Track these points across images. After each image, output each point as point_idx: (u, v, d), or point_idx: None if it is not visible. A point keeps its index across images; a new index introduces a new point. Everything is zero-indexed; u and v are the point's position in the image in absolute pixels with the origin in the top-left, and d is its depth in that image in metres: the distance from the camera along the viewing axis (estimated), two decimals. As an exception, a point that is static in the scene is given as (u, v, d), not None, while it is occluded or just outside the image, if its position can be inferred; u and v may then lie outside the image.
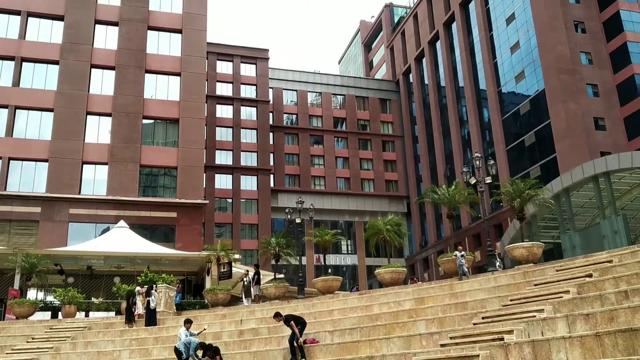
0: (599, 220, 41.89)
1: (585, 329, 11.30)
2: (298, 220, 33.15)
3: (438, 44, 76.52)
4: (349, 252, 79.18)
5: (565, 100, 52.50)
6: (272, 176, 77.22)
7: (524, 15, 58.75)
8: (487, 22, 65.31)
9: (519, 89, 59.67)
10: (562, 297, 14.75)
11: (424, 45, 79.19)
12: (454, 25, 72.46)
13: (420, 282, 33.13)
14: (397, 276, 25.55)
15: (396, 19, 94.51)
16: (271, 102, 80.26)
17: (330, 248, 50.30)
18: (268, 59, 79.97)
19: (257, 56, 79.86)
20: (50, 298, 30.90)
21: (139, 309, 24.07)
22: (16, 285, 28.81)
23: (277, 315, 17.94)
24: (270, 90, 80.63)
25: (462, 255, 23.22)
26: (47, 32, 43.81)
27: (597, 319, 11.38)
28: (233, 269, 31.69)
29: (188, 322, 18.09)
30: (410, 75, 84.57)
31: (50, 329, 23.97)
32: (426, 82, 79.69)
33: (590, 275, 16.41)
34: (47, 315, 29.11)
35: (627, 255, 17.33)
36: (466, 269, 22.97)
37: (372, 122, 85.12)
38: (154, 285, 24.58)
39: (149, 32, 45.67)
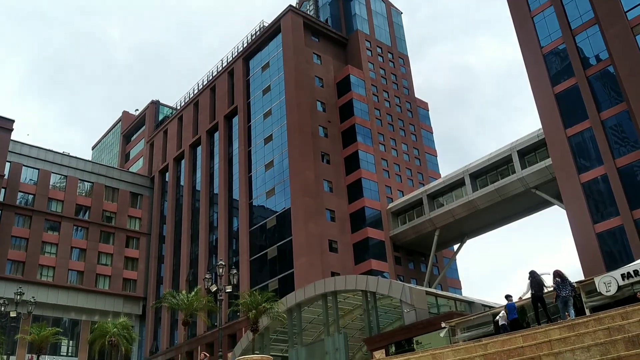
0: (323, 337, 44.68)
1: None
2: (13, 314, 28.95)
3: (199, 149, 78.12)
4: (70, 354, 70.79)
5: (307, 221, 56.95)
6: (-10, 260, 67.02)
7: (280, 138, 63.80)
8: (247, 138, 69.23)
9: (269, 204, 63.20)
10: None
11: (185, 148, 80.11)
12: (216, 134, 75.15)
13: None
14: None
15: (161, 117, 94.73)
16: (6, 177, 71.48)
17: (48, 348, 44.54)
18: (12, 130, 72.22)
19: (0, 125, 71.63)
20: None
21: None
22: None
23: None
24: (8, 164, 72.12)
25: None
26: None
27: None
28: None
29: None
30: (167, 174, 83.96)
31: None
32: (182, 183, 79.78)
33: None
34: None
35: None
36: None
37: (119, 214, 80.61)
38: None
39: None
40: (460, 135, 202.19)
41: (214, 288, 28.17)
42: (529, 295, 21.08)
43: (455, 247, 67.17)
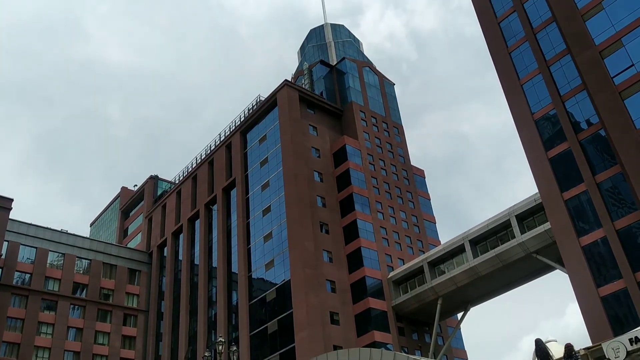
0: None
1: None
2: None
3: (197, 223, 78.04)
4: None
5: (307, 293, 56.13)
6: (-16, 343, 65.37)
7: (278, 209, 63.91)
8: (245, 210, 69.32)
9: (268, 276, 62.51)
10: None
11: (184, 222, 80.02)
12: (214, 208, 75.29)
13: None
14: None
15: (159, 192, 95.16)
16: (3, 257, 70.94)
17: None
18: (10, 209, 72.30)
19: (-2, 204, 71.78)
20: None
21: None
22: None
23: None
24: (5, 244, 71.74)
25: None
26: None
27: None
28: None
29: None
30: (166, 248, 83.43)
31: None
32: (180, 257, 79.15)
33: None
34: None
35: None
36: None
37: (116, 292, 79.37)
38: None
39: None
40: (458, 201, 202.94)
41: (213, 366, 27.35)
42: None
43: (459, 315, 65.92)
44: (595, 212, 41.52)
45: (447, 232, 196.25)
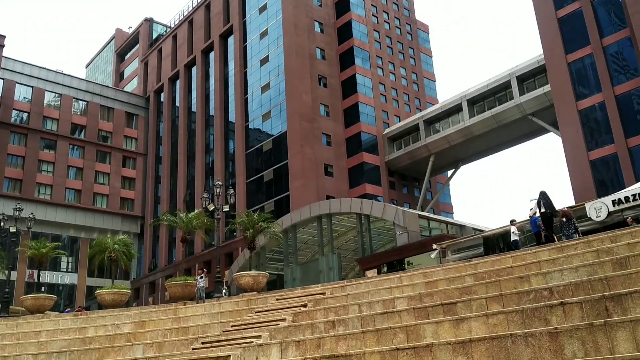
0: (318, 257, 45.92)
1: (296, 355, 12.12)
2: (13, 230, 29.49)
3: (194, 69, 76.90)
4: (70, 270, 72.78)
5: (303, 145, 57.03)
6: (-13, 177, 67.49)
7: (277, 60, 62.72)
8: (243, 59, 68.00)
9: (265, 127, 63.03)
10: (278, 324, 15.66)
11: (180, 68, 78.82)
12: (211, 54, 73.76)
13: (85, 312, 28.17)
14: (120, 298, 24.35)
15: (155, 35, 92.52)
16: (0, 94, 70.78)
17: (48, 263, 45.70)
18: (3, 46, 70.65)
19: (-11, 40, 70.00)
20: None
21: None
22: None
23: None
24: (1, 81, 71.21)
25: (201, 279, 23.28)
26: None
27: (307, 345, 12.32)
28: None
29: None
30: (162, 94, 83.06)
31: None
32: (177, 104, 79.09)
33: (305, 305, 17.76)
34: None
35: (337, 289, 19.25)
36: (204, 294, 23.04)
37: (115, 134, 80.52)
38: None
39: None
40: (460, 60, 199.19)
41: (211, 207, 28.61)
42: (538, 213, 21.19)
43: (449, 173, 67.81)
44: (597, 76, 41.14)
45: (447, 92, 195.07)
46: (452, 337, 10.54)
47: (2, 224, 30.03)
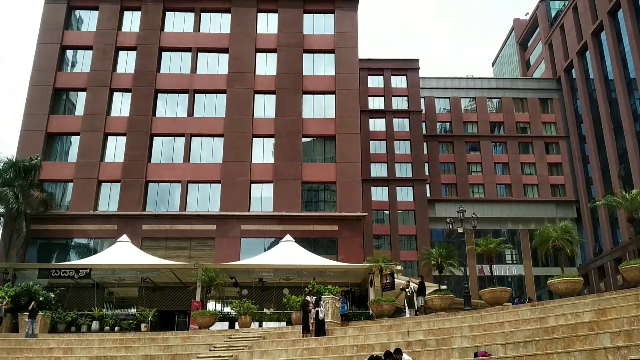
0: None
1: None
2: (460, 230, 32.52)
3: (602, 35, 70.64)
4: (514, 261, 75.51)
5: None
6: (427, 186, 76.46)
7: None
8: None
9: None
10: None
11: (587, 38, 73.56)
12: (619, 13, 66.48)
13: (535, 302, 28.76)
14: (573, 286, 23.98)
15: (553, 14, 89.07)
16: (423, 111, 79.84)
17: (494, 258, 48.43)
18: (418, 68, 79.60)
19: (407, 67, 79.87)
20: (227, 309, 33.08)
21: (312, 318, 24.96)
22: (198, 298, 31.50)
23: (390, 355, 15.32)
24: (422, 100, 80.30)
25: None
26: (215, 65, 47.74)
27: None
28: (395, 280, 31.84)
29: (398, 353, 15.49)
30: (573, 70, 79.01)
31: (229, 338, 25.69)
32: (591, 76, 73.89)
33: None
34: (225, 325, 31.16)
35: None
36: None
37: (532, 123, 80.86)
38: (321, 297, 25.52)
39: (304, 55, 47.73)
40: None
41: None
42: None
43: None
44: None
45: None
46: None
47: (451, 226, 33.53)
